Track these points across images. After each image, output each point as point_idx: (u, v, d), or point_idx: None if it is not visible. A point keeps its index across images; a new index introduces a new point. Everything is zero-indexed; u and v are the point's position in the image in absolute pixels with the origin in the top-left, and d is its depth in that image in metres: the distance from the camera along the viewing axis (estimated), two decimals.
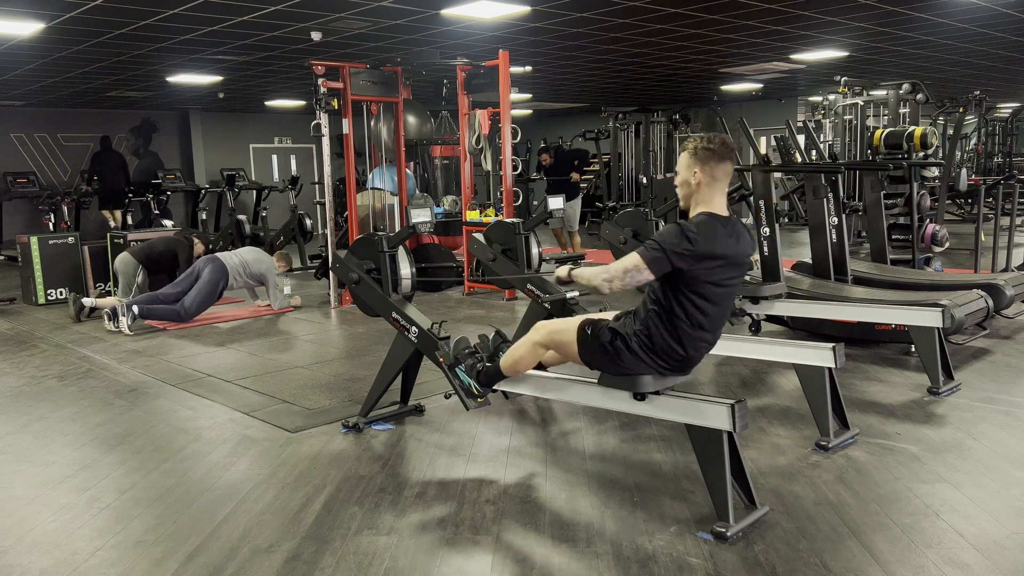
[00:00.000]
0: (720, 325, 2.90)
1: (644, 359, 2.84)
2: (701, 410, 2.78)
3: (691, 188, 2.83)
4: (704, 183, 2.79)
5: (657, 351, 2.83)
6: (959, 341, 5.23)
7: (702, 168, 2.78)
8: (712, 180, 2.79)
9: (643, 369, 2.86)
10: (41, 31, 7.07)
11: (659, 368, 2.86)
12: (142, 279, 7.20)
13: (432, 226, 4.52)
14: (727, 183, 2.85)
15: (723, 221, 2.78)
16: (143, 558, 2.65)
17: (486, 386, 3.42)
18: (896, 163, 7.18)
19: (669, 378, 2.92)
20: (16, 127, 13.37)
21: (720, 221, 2.77)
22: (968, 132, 17.60)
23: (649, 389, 2.89)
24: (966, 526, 2.72)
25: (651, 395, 2.91)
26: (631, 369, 2.88)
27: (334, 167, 8.11)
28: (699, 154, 2.78)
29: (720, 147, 2.79)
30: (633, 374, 2.88)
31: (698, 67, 10.83)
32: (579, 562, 2.55)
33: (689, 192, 2.84)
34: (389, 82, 7.82)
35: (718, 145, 2.79)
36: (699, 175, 2.79)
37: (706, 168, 2.78)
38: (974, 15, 7.64)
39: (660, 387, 2.91)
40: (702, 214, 2.78)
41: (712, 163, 2.78)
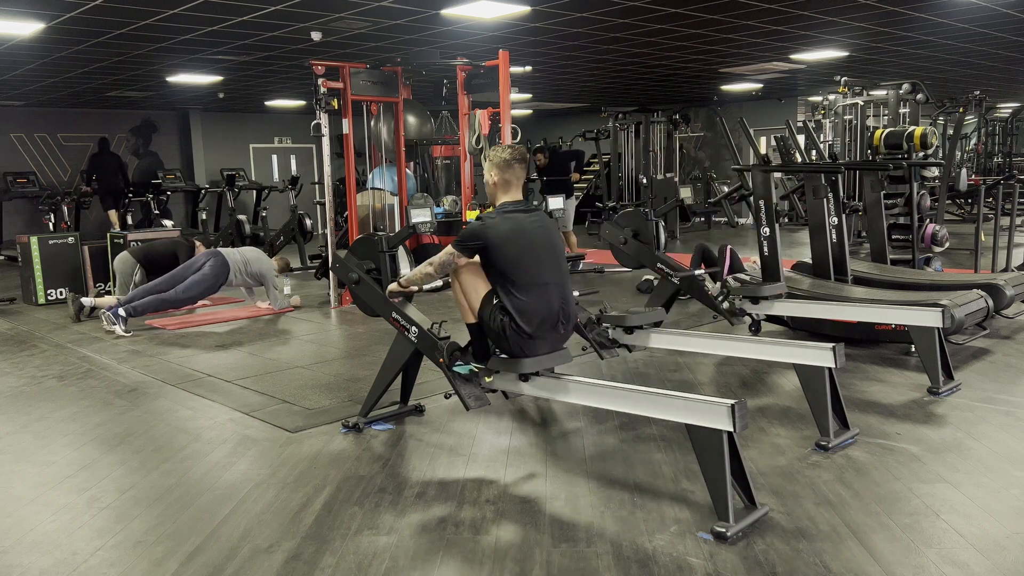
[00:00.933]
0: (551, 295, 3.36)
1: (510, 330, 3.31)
2: (701, 410, 2.78)
3: (491, 187, 3.54)
4: (500, 182, 3.50)
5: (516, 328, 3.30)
6: (959, 341, 5.23)
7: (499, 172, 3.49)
8: (505, 182, 3.50)
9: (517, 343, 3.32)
10: (41, 31, 7.08)
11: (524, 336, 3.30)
12: (139, 277, 7.15)
13: (432, 226, 4.52)
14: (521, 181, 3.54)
15: (518, 204, 3.47)
16: (143, 558, 2.65)
17: (484, 357, 3.53)
18: (896, 163, 7.18)
19: (543, 357, 3.37)
20: (16, 127, 13.38)
21: (516, 205, 3.46)
22: (968, 132, 17.60)
23: (529, 370, 3.32)
24: (966, 526, 2.72)
25: (533, 376, 3.34)
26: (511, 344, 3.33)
27: (334, 167, 8.11)
28: (494, 161, 3.50)
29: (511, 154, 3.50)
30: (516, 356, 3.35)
31: (698, 67, 10.83)
32: (579, 562, 2.55)
33: (492, 191, 3.54)
34: (389, 82, 7.82)
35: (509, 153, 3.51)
36: (495, 176, 3.50)
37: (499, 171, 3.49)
38: (974, 15, 7.64)
39: (539, 367, 3.33)
40: (502, 204, 3.47)
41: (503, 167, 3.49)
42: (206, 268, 6.77)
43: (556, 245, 3.52)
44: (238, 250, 7.15)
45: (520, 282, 3.33)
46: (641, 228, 5.81)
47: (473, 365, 3.52)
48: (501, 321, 3.33)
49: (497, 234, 3.34)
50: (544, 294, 3.37)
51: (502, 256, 3.34)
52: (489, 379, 3.51)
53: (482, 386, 3.54)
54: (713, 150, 16.72)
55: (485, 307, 3.42)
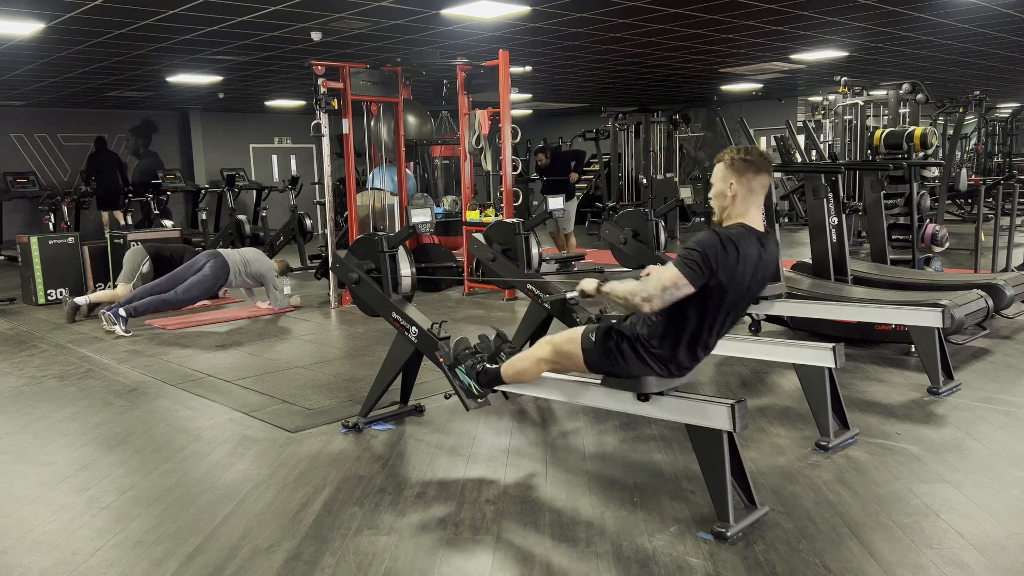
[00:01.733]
0: (724, 332, 2.87)
1: (648, 362, 2.80)
2: (701, 410, 2.78)
3: (726, 200, 2.74)
4: (740, 195, 2.72)
5: (662, 355, 2.79)
6: (959, 341, 5.22)
7: (738, 180, 2.71)
8: (749, 192, 2.72)
9: (646, 371, 2.83)
10: (41, 31, 7.07)
11: (662, 370, 2.83)
12: (147, 268, 7.15)
13: (432, 226, 4.52)
14: (763, 196, 2.77)
15: (758, 235, 2.72)
16: (143, 558, 2.65)
17: (486, 387, 3.42)
18: (896, 163, 7.18)
19: (673, 379, 2.89)
20: (16, 127, 13.37)
21: (756, 235, 2.71)
22: (968, 132, 17.60)
23: (653, 390, 2.87)
24: (966, 526, 2.72)
25: (654, 396, 2.89)
26: (635, 371, 2.84)
27: (334, 167, 8.11)
28: (735, 165, 2.72)
29: (758, 159, 2.74)
30: (636, 376, 2.86)
31: (698, 67, 10.83)
32: (579, 562, 2.55)
33: (724, 204, 2.76)
34: (389, 82, 7.82)
35: (756, 156, 2.74)
36: (735, 186, 2.71)
37: (743, 180, 2.71)
38: (974, 15, 7.64)
39: (663, 388, 2.89)
40: (738, 225, 2.71)
41: (749, 175, 2.71)
42: (206, 269, 6.81)
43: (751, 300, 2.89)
44: (238, 251, 7.17)
45: (696, 326, 2.73)
46: (641, 228, 5.81)
47: (473, 385, 3.44)
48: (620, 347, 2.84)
49: (734, 270, 2.63)
50: (700, 353, 2.83)
51: (713, 295, 2.66)
52: (480, 401, 3.46)
53: (477, 392, 3.49)
54: (713, 150, 16.69)
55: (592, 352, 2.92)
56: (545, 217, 5.53)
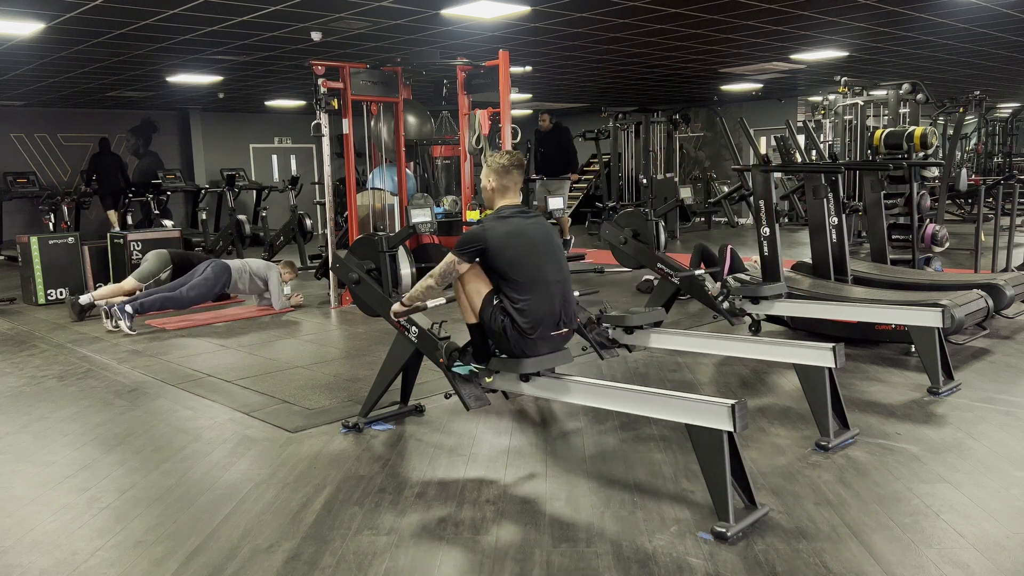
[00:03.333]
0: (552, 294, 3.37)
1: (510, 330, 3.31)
2: (701, 410, 2.78)
3: (489, 192, 3.57)
4: (498, 187, 3.53)
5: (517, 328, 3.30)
6: (959, 341, 5.22)
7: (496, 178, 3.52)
8: (504, 188, 3.53)
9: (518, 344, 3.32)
10: (41, 31, 7.08)
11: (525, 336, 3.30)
12: (166, 276, 7.34)
13: (432, 226, 4.53)
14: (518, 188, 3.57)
15: (518, 209, 3.49)
16: (143, 558, 2.65)
17: (484, 357, 3.50)
18: (896, 163, 7.18)
19: (544, 358, 3.37)
20: (16, 127, 13.37)
21: (515, 208, 3.48)
22: (968, 132, 17.60)
23: (530, 371, 3.32)
24: (966, 526, 2.72)
25: (534, 376, 3.34)
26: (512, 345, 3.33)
27: (334, 167, 8.11)
28: (493, 167, 3.53)
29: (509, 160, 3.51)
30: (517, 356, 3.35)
31: (698, 67, 10.83)
32: (579, 562, 2.55)
33: (489, 196, 3.57)
34: (389, 82, 7.82)
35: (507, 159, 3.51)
36: (492, 182, 3.53)
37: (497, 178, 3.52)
38: (974, 15, 7.64)
39: (541, 367, 3.34)
40: (498, 208, 3.50)
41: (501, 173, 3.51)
42: (208, 271, 7.04)
43: (556, 245, 3.53)
44: (242, 261, 7.39)
45: (520, 282, 3.34)
46: (641, 228, 5.81)
47: (473, 366, 3.51)
48: (502, 322, 3.34)
49: (495, 235, 3.35)
50: (545, 294, 3.37)
51: (501, 257, 3.34)
52: (489, 379, 3.51)
53: (482, 386, 3.54)
54: (713, 150, 16.72)
55: (486, 307, 3.41)
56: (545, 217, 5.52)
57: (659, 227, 5.82)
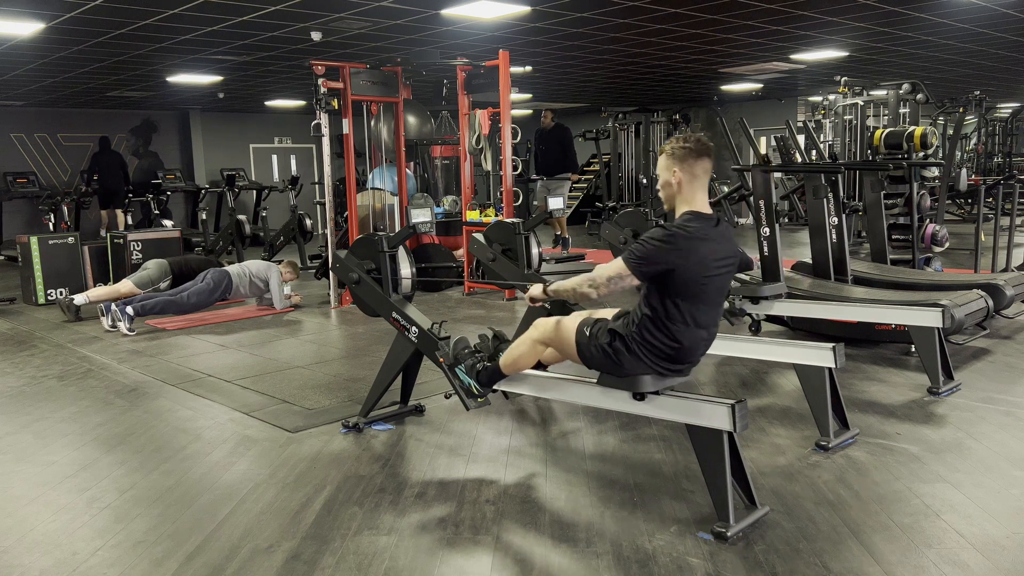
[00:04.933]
0: (714, 323, 2.92)
1: (644, 360, 2.84)
2: (701, 410, 2.77)
3: (672, 189, 2.87)
4: (684, 182, 2.83)
5: (655, 353, 2.83)
6: (959, 341, 5.22)
7: (680, 167, 2.83)
8: (692, 178, 2.83)
9: (642, 369, 2.86)
10: (41, 31, 7.08)
11: (658, 369, 2.86)
12: (165, 286, 7.35)
13: (432, 226, 4.52)
14: (707, 180, 2.89)
15: (707, 218, 2.82)
16: (143, 558, 2.65)
17: (486, 385, 3.42)
18: (896, 163, 7.18)
19: (668, 378, 2.92)
20: (16, 127, 13.37)
21: (704, 219, 2.81)
22: (968, 132, 17.59)
23: (649, 389, 2.89)
24: (966, 526, 2.72)
25: (650, 395, 2.90)
26: (630, 370, 2.88)
27: (334, 167, 8.11)
28: (676, 153, 2.83)
29: (696, 144, 2.84)
30: (632, 375, 2.89)
31: (698, 67, 10.83)
32: (579, 562, 2.55)
33: (671, 193, 2.89)
34: (389, 82, 7.82)
35: (694, 143, 2.84)
36: (678, 174, 2.83)
37: (684, 166, 2.82)
38: (974, 15, 7.64)
39: (659, 387, 2.90)
40: (686, 213, 2.83)
41: (690, 160, 2.82)
42: (208, 279, 7.07)
43: (730, 280, 3.00)
44: (241, 265, 7.40)
45: (683, 315, 2.78)
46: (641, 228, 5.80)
47: (473, 384, 3.44)
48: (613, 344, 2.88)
49: (690, 257, 2.71)
50: (695, 341, 2.85)
51: (682, 285, 2.74)
52: (480, 400, 3.46)
53: (477, 392, 3.49)
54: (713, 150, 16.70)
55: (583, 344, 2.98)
56: (545, 218, 5.53)
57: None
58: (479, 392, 3.43)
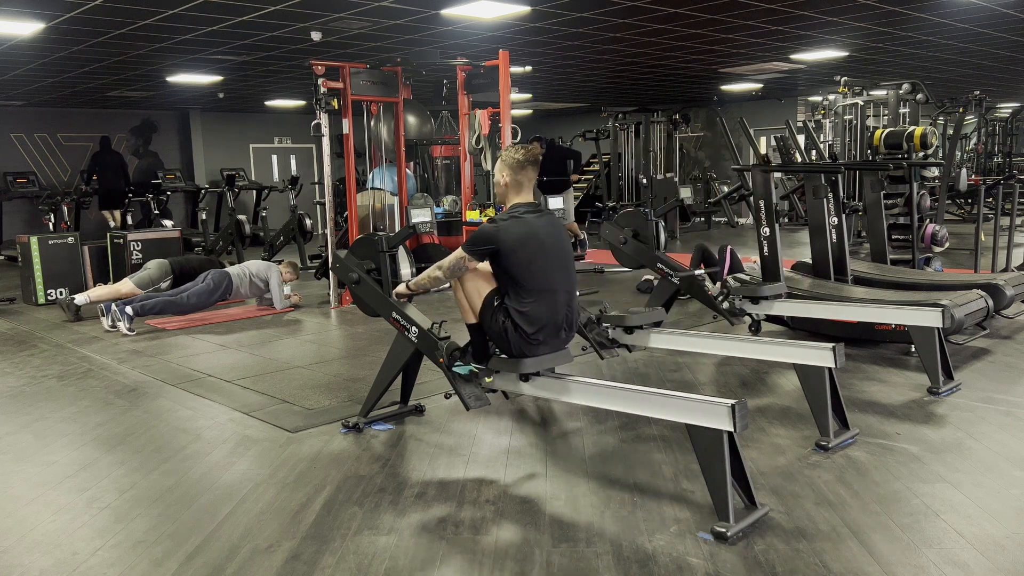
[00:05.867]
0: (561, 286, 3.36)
1: (522, 337, 3.29)
2: (701, 410, 2.78)
3: (502, 188, 3.49)
4: (511, 183, 3.45)
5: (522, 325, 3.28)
6: (959, 341, 5.22)
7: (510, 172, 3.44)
8: (517, 183, 3.45)
9: (525, 349, 3.31)
10: (41, 31, 7.08)
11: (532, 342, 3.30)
12: (166, 286, 7.34)
13: (432, 226, 4.52)
14: (531, 185, 3.49)
15: (532, 206, 3.41)
16: (143, 558, 2.65)
17: (482, 357, 3.52)
18: (896, 163, 7.18)
19: (545, 355, 3.36)
20: (16, 127, 13.37)
21: (529, 206, 3.40)
22: (968, 132, 17.60)
23: (530, 370, 3.32)
24: (966, 526, 2.72)
25: (533, 376, 3.33)
26: (516, 349, 3.32)
27: (334, 167, 8.11)
28: (507, 161, 3.44)
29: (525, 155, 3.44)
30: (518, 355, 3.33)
31: (698, 67, 10.83)
32: (579, 562, 2.55)
33: (502, 191, 3.50)
34: (389, 82, 7.82)
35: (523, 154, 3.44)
36: (506, 177, 3.45)
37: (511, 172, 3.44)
38: (974, 15, 7.64)
39: (540, 367, 3.33)
40: (513, 206, 3.42)
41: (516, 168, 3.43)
42: (209, 280, 7.05)
43: (566, 250, 3.48)
44: (241, 266, 7.38)
45: (529, 287, 3.30)
46: (641, 228, 5.81)
47: (473, 366, 3.51)
48: (503, 323, 3.32)
49: (509, 237, 3.29)
50: (551, 300, 3.34)
51: (513, 260, 3.29)
52: (489, 379, 3.51)
53: (482, 386, 3.54)
54: (713, 150, 16.72)
55: (487, 308, 3.41)
56: None
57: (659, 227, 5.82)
58: (482, 368, 3.51)
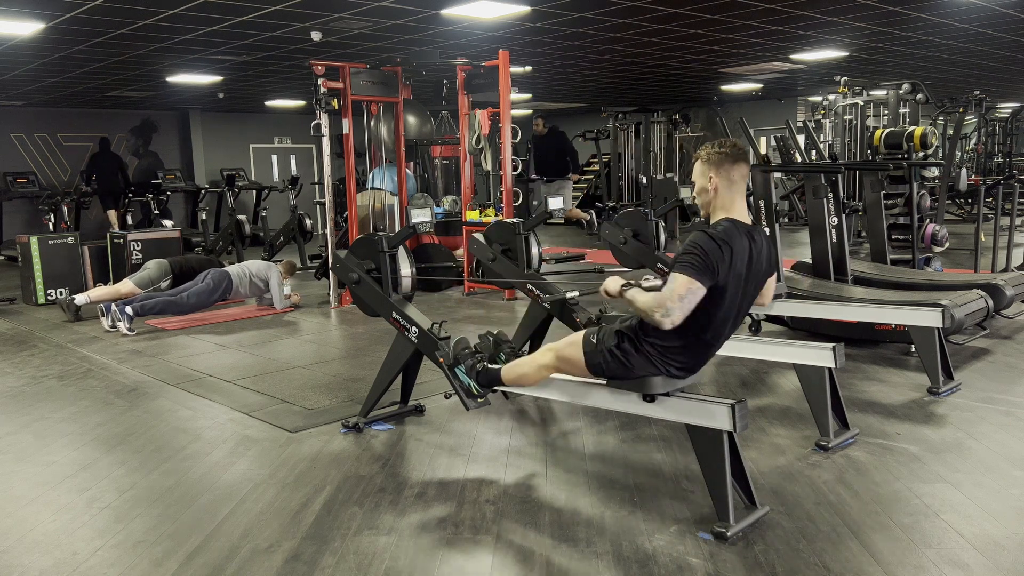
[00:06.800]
0: (728, 332, 2.86)
1: (653, 361, 2.79)
2: (701, 410, 2.77)
3: (709, 195, 2.80)
4: (722, 187, 2.78)
5: (665, 353, 2.78)
6: (959, 341, 5.22)
7: (717, 172, 2.77)
8: (729, 183, 2.78)
9: (651, 370, 2.81)
10: (41, 31, 7.07)
11: (668, 369, 2.81)
12: (166, 286, 7.34)
13: (432, 226, 4.53)
14: (744, 185, 2.82)
15: (747, 229, 2.76)
16: (143, 558, 2.65)
17: (485, 387, 3.42)
18: (896, 163, 7.18)
19: (677, 379, 2.87)
20: (16, 127, 13.37)
21: (744, 229, 2.75)
22: (968, 132, 17.59)
23: (659, 391, 2.84)
24: (966, 526, 2.72)
25: (660, 396, 2.87)
26: (640, 371, 2.82)
27: (334, 167, 8.11)
28: (712, 159, 2.78)
29: (732, 149, 2.80)
30: (642, 376, 2.83)
31: (698, 67, 10.83)
32: (579, 562, 2.55)
33: (708, 200, 2.82)
34: (389, 82, 7.82)
35: (730, 148, 2.80)
36: (715, 180, 2.77)
37: (721, 172, 2.77)
38: (974, 15, 7.64)
39: (669, 388, 2.86)
40: (724, 220, 2.76)
41: (727, 166, 2.77)
42: (208, 280, 7.06)
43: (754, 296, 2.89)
44: (241, 266, 7.39)
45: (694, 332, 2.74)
46: (641, 228, 5.82)
47: (473, 384, 3.44)
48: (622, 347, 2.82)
49: (729, 267, 2.64)
50: (705, 355, 2.85)
51: (716, 298, 2.67)
52: (480, 400, 3.47)
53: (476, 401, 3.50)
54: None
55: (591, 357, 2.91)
56: (545, 217, 5.53)
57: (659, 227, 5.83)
58: (478, 392, 3.43)
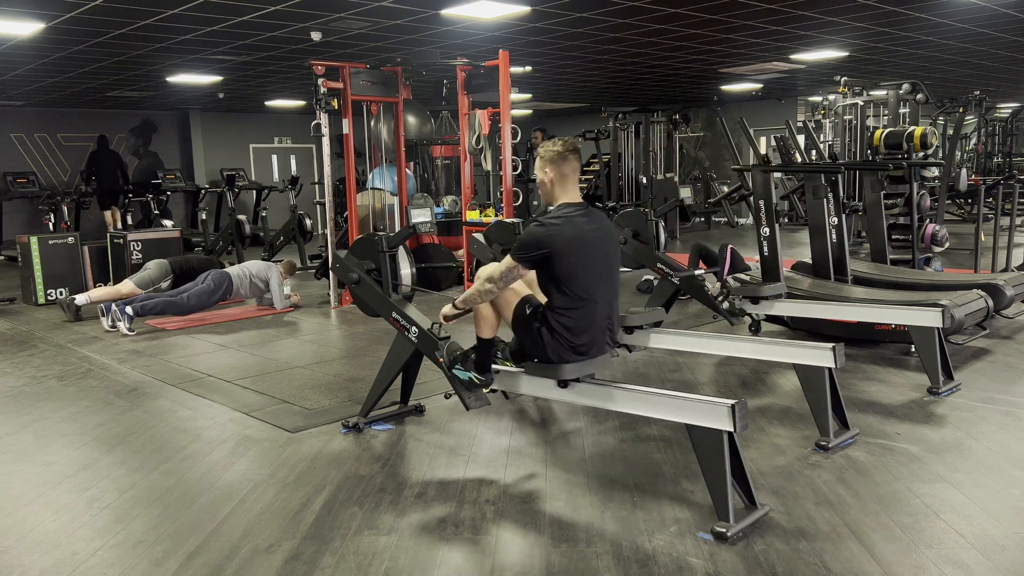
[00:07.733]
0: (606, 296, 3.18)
1: (561, 344, 3.12)
2: (701, 410, 2.78)
3: (547, 187, 3.25)
4: (556, 180, 3.22)
5: (564, 334, 3.11)
6: (959, 341, 5.22)
7: (552, 168, 3.21)
8: (562, 176, 3.21)
9: (563, 355, 3.13)
10: (41, 31, 7.07)
11: (572, 349, 3.13)
12: (167, 286, 7.33)
13: (432, 226, 4.52)
14: (576, 177, 3.26)
15: (581, 207, 3.20)
16: (143, 558, 2.65)
17: (485, 369, 3.45)
18: (896, 163, 7.18)
19: (586, 361, 3.18)
20: (16, 127, 13.37)
21: (578, 206, 3.19)
22: (968, 132, 17.59)
23: (569, 376, 3.16)
24: (966, 526, 2.72)
25: (572, 382, 3.18)
26: (553, 355, 3.14)
27: (334, 167, 8.11)
28: (547, 156, 3.22)
29: (564, 147, 3.22)
30: (554, 361, 3.16)
31: (698, 67, 10.83)
32: (579, 562, 2.55)
33: (548, 191, 3.26)
34: (389, 82, 7.82)
35: (562, 146, 3.23)
36: (550, 174, 3.22)
37: (554, 167, 3.21)
38: (974, 15, 7.64)
39: (580, 373, 3.17)
40: (562, 204, 3.21)
41: (558, 162, 3.20)
42: (209, 281, 7.06)
43: (613, 258, 3.27)
44: (241, 266, 7.39)
45: (570, 296, 3.10)
46: (641, 228, 5.81)
47: (473, 375, 3.47)
48: (538, 329, 3.15)
49: (561, 240, 3.06)
50: (592, 313, 3.15)
51: (560, 266, 3.07)
52: (486, 392, 3.49)
53: (483, 391, 3.52)
54: (713, 150, 16.72)
55: (520, 318, 3.22)
56: None
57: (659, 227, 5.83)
58: (482, 380, 3.45)
